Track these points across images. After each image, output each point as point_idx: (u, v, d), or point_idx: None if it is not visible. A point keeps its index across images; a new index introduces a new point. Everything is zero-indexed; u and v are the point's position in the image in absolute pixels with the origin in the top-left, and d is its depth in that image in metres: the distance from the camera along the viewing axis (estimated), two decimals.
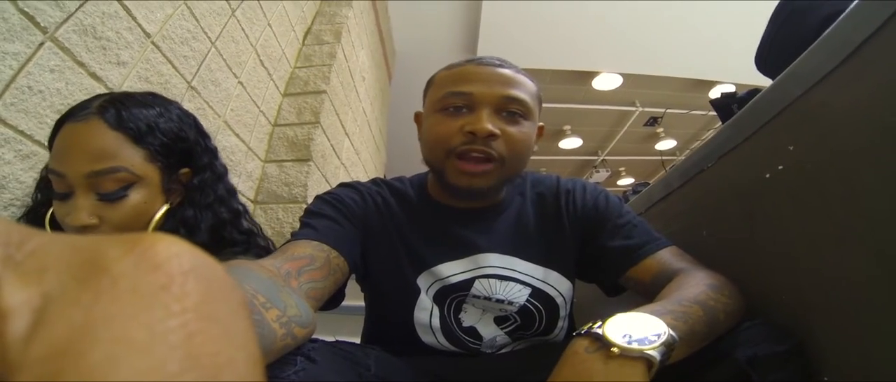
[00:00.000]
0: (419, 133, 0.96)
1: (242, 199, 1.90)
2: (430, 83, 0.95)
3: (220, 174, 0.94)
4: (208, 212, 0.88)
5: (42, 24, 1.08)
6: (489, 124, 0.82)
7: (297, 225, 0.83)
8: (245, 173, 2.08)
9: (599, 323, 0.58)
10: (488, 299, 0.87)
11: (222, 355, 0.16)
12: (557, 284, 0.90)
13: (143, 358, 0.14)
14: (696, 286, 0.70)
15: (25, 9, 1.03)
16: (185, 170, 0.88)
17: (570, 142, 6.43)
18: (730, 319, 0.68)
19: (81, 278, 0.16)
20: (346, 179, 3.04)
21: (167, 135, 0.83)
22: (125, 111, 0.79)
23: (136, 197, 0.79)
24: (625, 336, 0.56)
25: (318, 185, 2.25)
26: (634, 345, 0.54)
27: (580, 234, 0.93)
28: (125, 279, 0.16)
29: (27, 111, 1.04)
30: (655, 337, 0.55)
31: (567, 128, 6.13)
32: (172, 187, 0.86)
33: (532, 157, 0.92)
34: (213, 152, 0.94)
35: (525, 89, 0.87)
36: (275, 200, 2.16)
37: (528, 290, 0.88)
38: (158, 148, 0.81)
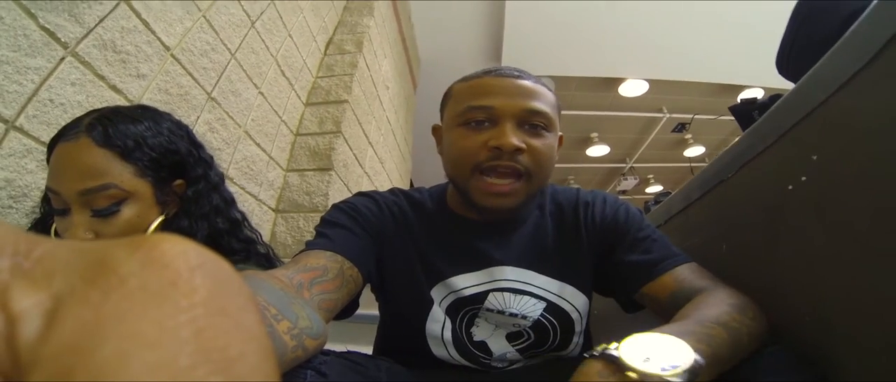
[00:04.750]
0: (439, 147, 0.95)
1: (263, 209, 2.06)
2: (447, 95, 0.93)
3: (215, 183, 0.94)
4: (203, 222, 0.88)
5: (62, 40, 1.11)
6: (514, 138, 0.80)
7: (312, 233, 0.83)
8: (266, 182, 2.10)
9: (615, 345, 0.54)
10: (501, 313, 0.85)
11: (233, 348, 0.16)
12: (573, 299, 0.88)
13: (154, 353, 0.14)
14: (718, 305, 0.66)
15: (46, 25, 1.06)
16: (178, 181, 0.88)
17: (598, 150, 6.33)
18: (753, 342, 0.64)
19: (90, 278, 0.16)
20: (370, 188, 3.02)
21: (156, 149, 0.84)
22: (112, 128, 0.81)
23: (128, 212, 0.80)
24: (644, 359, 0.51)
25: (339, 194, 2.26)
26: (655, 371, 0.49)
27: (598, 248, 0.90)
28: (133, 277, 0.16)
29: (49, 123, 1.07)
30: (679, 363, 0.50)
31: (594, 135, 6.03)
32: (166, 199, 0.86)
33: (559, 165, 0.91)
34: (207, 162, 0.94)
35: (546, 100, 0.85)
36: (296, 209, 2.17)
37: (542, 305, 0.86)
38: (148, 162, 0.83)
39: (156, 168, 0.84)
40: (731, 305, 0.67)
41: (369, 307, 0.95)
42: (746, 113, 1.07)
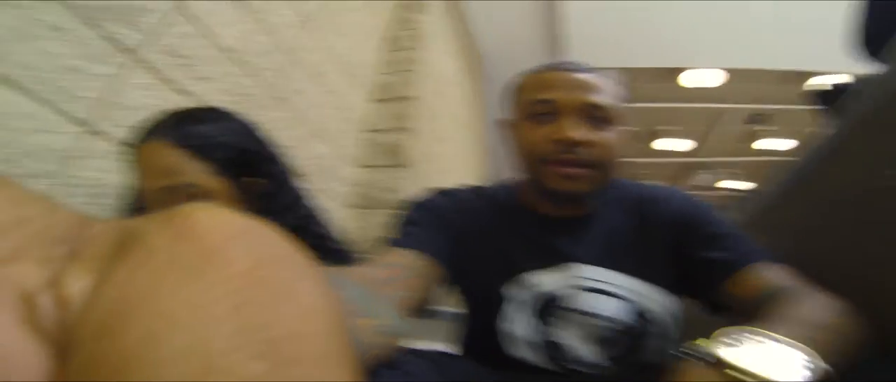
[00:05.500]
0: (507, 140, 0.95)
1: (334, 205, 2.08)
2: (512, 88, 0.95)
3: (286, 180, 0.97)
4: (279, 218, 0.88)
5: (125, 46, 1.17)
6: (574, 132, 0.81)
7: (390, 231, 0.85)
8: (337, 179, 2.14)
9: (714, 345, 0.48)
10: (585, 314, 0.82)
11: (278, 326, 0.15)
12: (662, 301, 0.85)
13: (184, 334, 0.13)
14: (821, 308, 0.61)
15: (107, 34, 1.12)
16: (254, 179, 0.91)
17: (667, 143, 5.94)
18: (857, 353, 0.58)
19: (120, 255, 0.15)
20: (442, 185, 3.03)
21: (232, 148, 0.87)
22: (188, 129, 0.84)
23: None
24: (759, 366, 0.45)
25: (411, 191, 2.20)
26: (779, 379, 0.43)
27: (673, 245, 0.87)
28: (162, 252, 0.15)
29: (125, 125, 1.11)
30: (807, 370, 0.44)
31: (662, 128, 5.67)
32: (243, 196, 0.89)
33: (629, 160, 0.89)
34: (277, 160, 0.97)
35: (608, 93, 0.85)
36: (367, 205, 2.20)
37: (623, 305, 0.83)
38: (224, 161, 0.86)
39: (232, 166, 0.87)
40: (834, 309, 0.62)
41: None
42: (830, 99, 0.95)
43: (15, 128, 0.96)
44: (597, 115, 0.83)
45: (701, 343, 0.48)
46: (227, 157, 0.87)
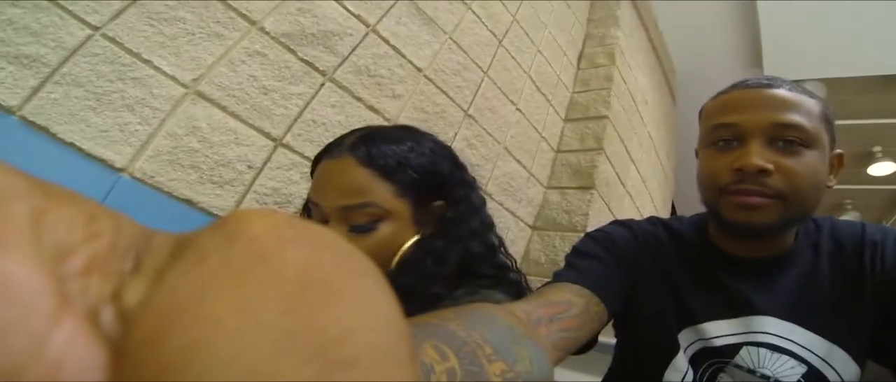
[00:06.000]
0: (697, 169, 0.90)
1: (520, 225, 2.11)
2: (701, 114, 0.88)
3: (477, 207, 0.92)
4: (459, 245, 0.86)
5: (320, 68, 1.27)
6: (758, 158, 0.73)
7: (565, 262, 0.83)
8: (526, 199, 2.09)
9: None
10: (752, 372, 0.76)
11: (336, 326, 0.14)
12: (842, 366, 0.74)
13: (229, 340, 0.13)
14: None
15: (304, 57, 1.23)
16: (439, 202, 0.88)
17: (883, 168, 4.93)
18: None
19: (171, 262, 0.15)
20: (631, 209, 2.91)
21: (418, 170, 0.85)
22: (375, 148, 0.83)
23: (385, 230, 0.81)
24: None
25: (599, 214, 2.14)
26: None
27: (885, 301, 0.75)
28: (213, 255, 0.14)
29: (312, 140, 1.23)
30: None
31: (877, 149, 4.67)
32: (425, 219, 0.87)
33: (836, 188, 0.80)
34: (469, 184, 0.94)
35: (804, 111, 0.75)
36: (554, 227, 2.11)
37: (803, 369, 0.75)
38: (408, 183, 0.84)
39: (416, 188, 0.85)
40: None
41: (605, 335, 0.87)
42: None
43: (215, 141, 1.08)
44: (789, 137, 0.74)
45: None
46: (415, 180, 0.84)
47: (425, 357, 0.39)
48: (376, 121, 1.37)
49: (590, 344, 0.77)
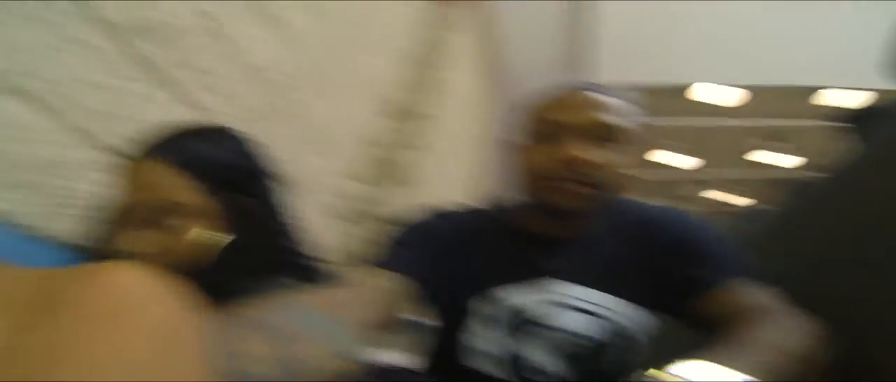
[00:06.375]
0: (510, 161, 0.96)
1: (324, 217, 1.96)
2: (520, 110, 0.95)
3: (286, 203, 0.95)
4: (269, 240, 0.90)
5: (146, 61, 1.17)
6: (576, 152, 0.81)
7: (378, 249, 0.87)
8: (334, 192, 2.10)
9: (662, 376, 0.50)
10: (557, 330, 0.84)
11: (189, 372, 0.16)
12: (639, 320, 0.86)
13: (111, 377, 0.14)
14: (787, 332, 0.65)
15: (131, 51, 1.12)
16: (248, 199, 0.89)
17: (668, 157, 6.03)
18: (816, 376, 0.63)
19: (42, 309, 0.16)
20: (445, 204, 3.04)
21: (228, 169, 0.86)
22: (185, 148, 0.83)
23: (195, 229, 0.81)
24: None
25: (403, 208, 2.19)
26: None
27: (663, 265, 0.87)
28: (85, 306, 0.16)
29: (130, 139, 1.10)
30: None
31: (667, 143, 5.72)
32: (235, 216, 0.87)
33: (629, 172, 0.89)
34: (279, 180, 0.95)
35: (618, 112, 0.85)
36: (355, 219, 2.15)
37: (605, 324, 0.85)
38: (218, 182, 0.84)
39: (226, 187, 0.85)
40: (800, 333, 0.65)
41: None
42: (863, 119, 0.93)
43: (16, 138, 0.95)
44: (603, 135, 0.83)
45: (652, 373, 0.51)
46: (221, 178, 0.85)
47: (245, 347, 0.43)
48: (199, 117, 1.28)
49: (402, 323, 0.83)
